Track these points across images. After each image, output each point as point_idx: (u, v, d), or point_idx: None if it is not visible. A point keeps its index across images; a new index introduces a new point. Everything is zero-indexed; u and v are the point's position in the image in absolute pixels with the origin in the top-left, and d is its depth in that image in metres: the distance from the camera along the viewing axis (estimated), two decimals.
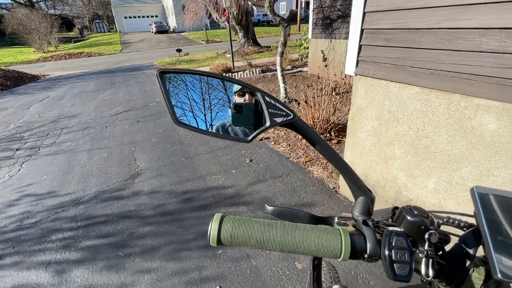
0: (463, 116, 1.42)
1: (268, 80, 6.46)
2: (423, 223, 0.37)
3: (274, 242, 0.36)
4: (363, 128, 2.05)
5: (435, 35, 1.45)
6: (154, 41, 22.56)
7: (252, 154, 3.28)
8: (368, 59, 1.87)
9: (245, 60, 8.47)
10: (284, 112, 0.38)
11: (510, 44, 1.18)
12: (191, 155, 3.38)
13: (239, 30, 11.65)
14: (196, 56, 12.66)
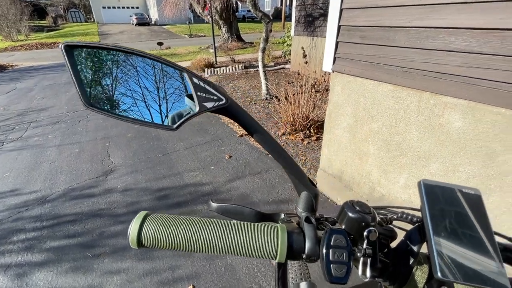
0: (432, 113, 1.45)
1: (251, 76, 6.41)
2: (364, 219, 0.35)
3: (202, 242, 0.33)
4: (340, 125, 2.07)
5: (408, 34, 1.47)
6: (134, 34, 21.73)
7: (232, 150, 3.23)
8: (345, 56, 1.88)
9: (228, 55, 8.35)
10: (215, 96, 0.34)
11: (475, 44, 1.22)
12: (169, 151, 3.28)
13: (223, 25, 11.46)
14: (178, 50, 12.33)
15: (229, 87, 5.73)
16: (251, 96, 5.04)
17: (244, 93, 5.27)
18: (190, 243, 0.33)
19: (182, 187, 2.60)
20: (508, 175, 1.22)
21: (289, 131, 3.34)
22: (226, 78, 6.48)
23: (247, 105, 4.63)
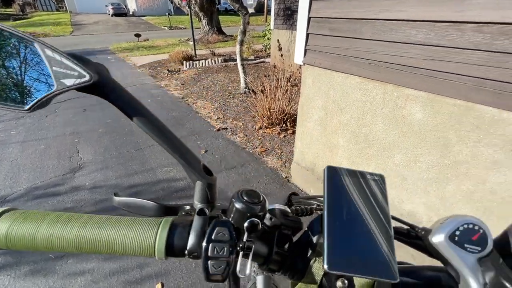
0: (395, 105, 1.48)
1: (230, 69, 6.31)
2: (250, 210, 0.32)
3: (67, 241, 0.29)
4: (311, 118, 2.08)
5: (373, 26, 1.48)
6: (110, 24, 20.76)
7: (208, 145, 3.18)
8: (315, 48, 1.88)
9: (208, 48, 8.17)
10: (77, 71, 0.29)
11: (434, 37, 1.24)
12: (142, 146, 3.17)
13: (203, 17, 11.17)
14: (156, 42, 11.92)
15: (208, 81, 5.62)
16: (229, 89, 4.97)
17: (223, 86, 5.19)
18: (54, 242, 0.29)
19: (155, 183, 2.52)
20: (462, 164, 1.27)
21: (266, 125, 3.33)
22: (205, 71, 6.34)
23: (225, 98, 4.56)
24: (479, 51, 1.11)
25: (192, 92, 5.00)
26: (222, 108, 4.17)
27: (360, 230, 0.28)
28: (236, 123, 3.67)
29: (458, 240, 0.31)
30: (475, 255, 0.31)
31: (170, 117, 3.94)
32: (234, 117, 3.85)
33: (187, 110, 4.20)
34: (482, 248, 0.31)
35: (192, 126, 3.65)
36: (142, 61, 7.90)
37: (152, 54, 9.03)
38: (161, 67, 7.05)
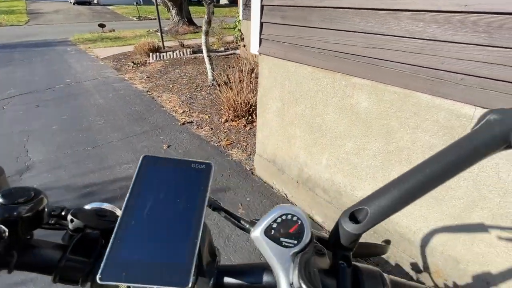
0: (344, 94, 1.50)
1: (200, 61, 6.12)
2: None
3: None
4: (270, 109, 2.06)
5: (321, 14, 1.47)
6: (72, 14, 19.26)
7: (172, 139, 3.06)
8: (269, 38, 1.84)
9: (177, 40, 7.86)
10: None
11: (375, 25, 1.25)
12: (100, 143, 2.98)
13: (172, 7, 10.71)
14: (123, 33, 11.25)
15: (175, 73, 5.42)
16: (197, 82, 4.82)
17: (191, 79, 5.03)
18: None
19: (112, 182, 2.39)
20: (404, 150, 1.31)
21: (231, 118, 3.27)
22: (173, 63, 6.10)
23: (192, 91, 4.42)
24: (414, 39, 1.13)
25: (157, 85, 4.79)
26: (189, 101, 4.04)
27: (156, 231, 0.25)
28: (202, 116, 3.57)
29: (274, 234, 0.29)
30: (290, 249, 0.28)
31: (132, 112, 3.75)
32: (200, 110, 3.75)
33: (151, 104, 4.02)
34: (298, 242, 0.29)
35: (155, 121, 3.50)
36: (106, 53, 7.42)
37: (117, 45, 8.52)
38: (126, 59, 6.68)
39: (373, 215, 0.28)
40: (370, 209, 0.28)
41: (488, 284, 1.20)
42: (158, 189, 0.27)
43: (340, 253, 0.31)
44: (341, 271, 0.30)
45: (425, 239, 1.38)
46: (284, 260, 0.28)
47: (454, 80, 1.06)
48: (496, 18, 0.91)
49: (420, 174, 0.27)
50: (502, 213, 1.08)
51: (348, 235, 0.29)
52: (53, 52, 7.82)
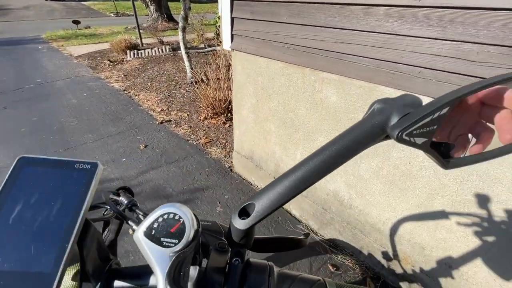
0: (314, 89, 1.51)
1: (179, 58, 5.99)
2: None
3: None
4: (245, 106, 2.05)
5: (288, 9, 1.46)
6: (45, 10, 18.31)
7: (149, 139, 2.99)
8: (240, 33, 1.82)
9: (156, 37, 7.66)
10: None
11: (339, 20, 1.26)
12: (73, 145, 2.87)
13: (150, 3, 10.40)
14: (99, 30, 10.84)
15: (154, 71, 5.28)
16: (176, 79, 4.73)
17: (170, 76, 4.92)
18: None
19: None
20: None
21: (210, 115, 3.23)
22: (151, 61, 5.95)
23: (171, 89, 4.33)
24: (375, 33, 1.15)
25: (135, 84, 4.65)
26: (167, 100, 3.95)
27: (21, 238, 0.24)
28: (181, 114, 3.51)
29: (155, 234, 0.28)
30: (170, 249, 0.28)
31: (108, 111, 3.62)
32: (179, 108, 3.68)
33: (128, 103, 3.90)
34: (179, 241, 0.28)
35: (132, 120, 3.40)
36: (81, 50, 7.12)
37: (93, 43, 8.19)
38: (102, 57, 6.44)
39: (260, 209, 0.28)
40: (257, 204, 0.28)
41: (450, 268, 1.26)
42: (31, 193, 0.25)
43: (234, 250, 0.31)
44: (232, 267, 0.30)
45: (393, 228, 1.42)
46: (162, 260, 0.27)
47: (413, 73, 1.09)
48: (447, 13, 0.94)
49: (303, 168, 0.28)
50: (460, 200, 1.13)
51: (237, 231, 0.29)
52: (23, 50, 7.41)
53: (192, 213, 0.30)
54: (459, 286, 1.25)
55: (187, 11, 3.93)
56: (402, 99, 0.26)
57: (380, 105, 0.27)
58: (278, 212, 2.05)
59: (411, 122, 0.22)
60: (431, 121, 0.22)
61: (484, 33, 0.88)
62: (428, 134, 0.23)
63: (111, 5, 19.27)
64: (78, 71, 5.42)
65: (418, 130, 0.23)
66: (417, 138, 0.23)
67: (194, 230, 0.29)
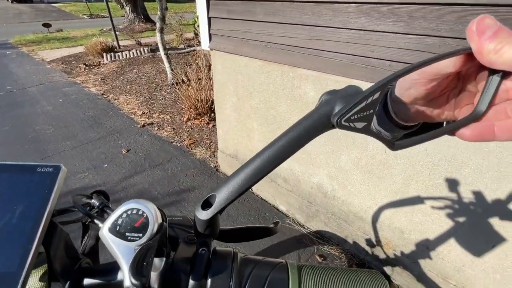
0: (293, 86, 1.54)
1: (159, 60, 5.88)
2: None
3: None
4: (226, 104, 2.05)
5: (263, 7, 1.48)
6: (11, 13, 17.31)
7: (131, 143, 2.93)
8: (218, 33, 1.83)
9: (133, 38, 7.46)
10: None
11: (313, 17, 1.30)
12: (51, 154, 2.76)
13: (125, 3, 10.10)
14: (73, 33, 10.40)
15: (133, 73, 5.16)
16: (156, 81, 4.64)
17: (150, 78, 4.82)
18: None
19: (65, 194, 2.22)
20: (348, 135, 1.39)
21: (194, 116, 3.21)
22: (130, 63, 5.80)
23: (152, 91, 4.25)
24: (347, 29, 1.20)
25: (114, 87, 4.52)
26: (148, 102, 3.88)
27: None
28: (163, 117, 3.46)
29: (119, 229, 0.30)
30: (134, 243, 0.30)
31: (86, 117, 3.51)
32: (161, 110, 3.62)
33: (107, 108, 3.79)
34: (143, 235, 0.30)
35: (112, 125, 3.31)
36: (53, 55, 6.82)
37: (66, 46, 7.86)
38: (77, 61, 6.19)
39: (221, 199, 0.30)
40: (218, 195, 0.30)
41: (427, 249, 1.34)
42: None
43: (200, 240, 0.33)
44: (198, 256, 0.32)
45: (374, 216, 1.49)
46: (127, 254, 0.28)
47: (384, 66, 1.14)
48: (410, 8, 0.99)
49: (259, 159, 0.30)
50: (433, 184, 1.20)
51: (200, 222, 0.31)
52: None
53: (157, 208, 0.32)
54: (436, 265, 1.34)
55: (164, 12, 3.87)
56: (345, 90, 0.29)
57: (327, 96, 0.29)
58: (265, 207, 2.08)
59: (348, 109, 0.25)
60: (366, 106, 0.25)
61: (444, 27, 0.94)
62: (367, 118, 0.26)
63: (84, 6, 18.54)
64: (51, 77, 5.19)
65: (356, 115, 0.25)
66: (356, 123, 0.26)
67: (158, 223, 0.30)
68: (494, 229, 1.09)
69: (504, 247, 1.09)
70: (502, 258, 1.10)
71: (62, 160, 2.64)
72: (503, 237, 1.07)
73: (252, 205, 2.11)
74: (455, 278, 1.29)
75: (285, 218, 2.00)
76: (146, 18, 10.85)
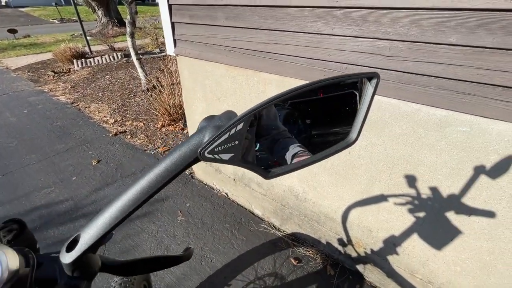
0: (258, 90, 1.53)
1: (133, 65, 5.71)
2: None
3: None
4: (196, 110, 2.02)
5: (224, 12, 1.47)
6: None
7: (102, 153, 2.81)
8: (182, 38, 1.79)
9: (106, 43, 7.22)
10: None
11: (272, 22, 1.30)
12: (13, 169, 2.59)
13: (97, 7, 9.76)
14: (41, 38, 9.94)
15: (106, 80, 4.98)
16: (130, 88, 4.51)
17: (123, 85, 4.68)
18: None
19: (29, 212, 2.10)
20: None
21: (168, 122, 3.14)
22: (102, 69, 5.60)
23: (125, 98, 4.12)
24: (304, 33, 1.20)
25: (84, 95, 4.34)
26: (121, 110, 3.75)
27: None
28: (136, 124, 3.35)
29: None
30: None
31: (54, 128, 3.34)
32: (134, 118, 3.51)
33: (77, 117, 3.63)
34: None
35: (82, 135, 3.17)
36: (19, 62, 6.47)
37: (33, 53, 7.48)
38: (45, 68, 5.90)
39: (86, 239, 0.28)
40: (83, 234, 0.28)
41: (394, 246, 1.37)
42: None
43: (69, 283, 0.31)
44: None
45: (344, 216, 1.51)
46: None
47: (341, 69, 1.16)
48: (361, 12, 1.01)
49: (129, 193, 0.28)
50: (394, 183, 1.23)
51: (66, 266, 0.29)
52: None
53: (13, 253, 0.29)
54: (403, 260, 1.37)
55: (134, 16, 3.76)
56: (219, 117, 0.27)
57: (202, 124, 0.28)
58: (241, 213, 2.06)
59: (210, 141, 0.23)
60: (229, 137, 0.23)
61: (392, 30, 0.96)
62: (233, 149, 0.24)
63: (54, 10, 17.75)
64: (16, 86, 4.91)
65: (221, 147, 0.24)
66: (222, 155, 0.24)
67: (8, 272, 0.28)
68: (451, 223, 1.12)
69: (461, 240, 1.13)
70: (460, 251, 1.15)
71: (26, 175, 2.49)
72: (459, 230, 1.11)
73: (228, 211, 2.08)
74: (421, 272, 1.33)
75: (261, 222, 1.99)
76: (120, 22, 10.54)
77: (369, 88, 0.24)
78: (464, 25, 0.84)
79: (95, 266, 0.32)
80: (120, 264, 0.36)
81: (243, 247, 1.80)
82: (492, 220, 1.01)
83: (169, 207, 2.13)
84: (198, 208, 2.11)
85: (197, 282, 1.59)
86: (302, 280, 1.60)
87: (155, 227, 1.95)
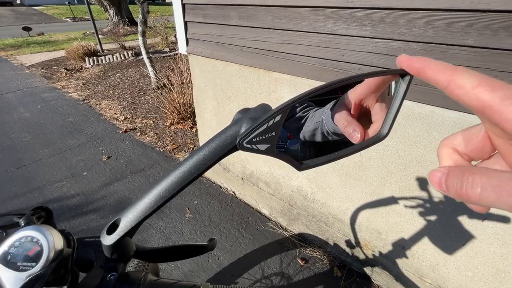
0: (269, 89, 1.54)
1: (143, 63, 5.78)
2: None
3: None
4: (206, 109, 2.03)
5: (237, 11, 1.48)
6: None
7: (112, 149, 2.86)
8: (195, 37, 1.81)
9: (117, 42, 7.33)
10: None
11: (285, 21, 1.30)
12: (26, 163, 2.66)
13: (109, 6, 9.92)
14: (54, 36, 10.16)
15: (116, 78, 5.06)
16: (140, 86, 4.57)
17: (133, 83, 4.74)
18: None
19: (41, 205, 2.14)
20: None
21: (177, 120, 3.17)
22: (113, 67, 5.69)
23: (135, 96, 4.18)
24: (318, 33, 1.21)
25: (95, 92, 4.42)
26: (131, 107, 3.81)
27: None
28: (146, 122, 3.40)
29: (12, 259, 0.28)
30: (27, 273, 0.28)
31: (66, 124, 3.41)
32: (144, 115, 3.56)
33: (88, 113, 3.70)
34: (36, 263, 0.29)
35: (93, 131, 3.23)
36: (33, 59, 6.62)
37: (47, 51, 7.65)
38: (58, 66, 6.03)
39: (126, 223, 0.29)
40: (123, 218, 0.29)
41: (404, 249, 1.35)
42: None
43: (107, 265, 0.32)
44: (103, 284, 0.31)
45: (353, 217, 1.50)
46: (16, 285, 0.27)
47: (353, 70, 1.16)
48: (376, 13, 1.01)
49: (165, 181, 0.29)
50: (405, 185, 1.22)
51: (106, 247, 0.30)
52: None
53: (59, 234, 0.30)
54: (413, 264, 1.36)
55: (146, 15, 3.82)
56: (255, 110, 0.28)
57: (238, 115, 0.29)
58: (248, 212, 2.07)
59: (249, 131, 0.24)
60: (267, 128, 0.24)
61: (408, 31, 0.96)
62: (269, 140, 0.25)
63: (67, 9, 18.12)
64: (30, 82, 5.03)
65: (258, 138, 0.24)
66: (259, 145, 0.25)
67: (54, 251, 0.29)
68: (463, 227, 1.11)
69: (473, 245, 1.11)
70: (472, 256, 1.13)
71: (39, 169, 2.56)
72: (472, 235, 1.10)
73: (235, 210, 2.09)
74: (430, 277, 1.31)
75: (268, 221, 1.99)
76: (131, 21, 10.69)
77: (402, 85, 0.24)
78: (482, 27, 0.83)
79: (131, 250, 0.33)
80: (150, 251, 0.37)
81: (250, 246, 1.80)
82: (507, 226, 0.99)
83: (177, 204, 2.15)
84: (206, 206, 2.12)
85: (204, 279, 1.60)
86: (309, 280, 1.59)
87: (163, 223, 1.97)
